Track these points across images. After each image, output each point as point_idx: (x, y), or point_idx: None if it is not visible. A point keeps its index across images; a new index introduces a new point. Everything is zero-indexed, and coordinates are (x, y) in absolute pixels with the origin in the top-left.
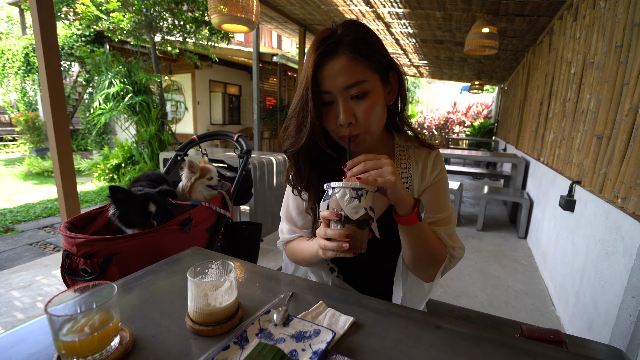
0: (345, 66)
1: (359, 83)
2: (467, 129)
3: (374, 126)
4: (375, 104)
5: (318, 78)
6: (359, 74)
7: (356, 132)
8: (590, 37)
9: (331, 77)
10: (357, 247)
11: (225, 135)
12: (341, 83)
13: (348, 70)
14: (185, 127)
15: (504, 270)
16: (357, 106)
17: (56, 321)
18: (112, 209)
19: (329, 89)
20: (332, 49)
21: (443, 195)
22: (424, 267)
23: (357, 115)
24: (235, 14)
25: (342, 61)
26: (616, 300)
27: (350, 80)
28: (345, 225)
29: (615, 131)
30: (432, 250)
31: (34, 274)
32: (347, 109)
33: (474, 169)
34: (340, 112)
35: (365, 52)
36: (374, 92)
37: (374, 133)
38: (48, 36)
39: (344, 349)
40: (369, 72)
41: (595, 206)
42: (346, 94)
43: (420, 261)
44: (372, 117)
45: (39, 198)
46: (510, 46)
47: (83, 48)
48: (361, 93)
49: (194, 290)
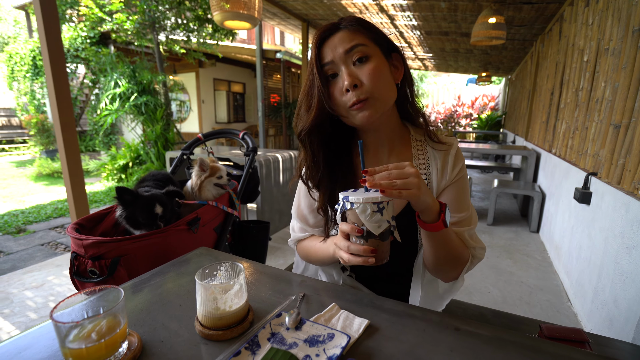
0: (344, 36)
1: (358, 46)
2: (474, 122)
3: (382, 90)
4: (379, 68)
5: (321, 54)
6: (357, 40)
7: (363, 95)
8: (604, 22)
9: (332, 48)
10: (382, 258)
11: (231, 133)
12: (342, 49)
13: (347, 38)
14: (191, 126)
15: (517, 266)
16: (360, 70)
17: (62, 328)
18: (119, 210)
19: (330, 59)
20: (333, 28)
21: (464, 194)
22: (446, 269)
23: (361, 78)
24: (238, 10)
25: (341, 33)
26: (639, 296)
27: (350, 44)
28: (369, 240)
29: (634, 119)
30: (456, 253)
31: (46, 274)
32: (350, 72)
33: (482, 162)
34: (345, 76)
35: (365, 26)
36: (376, 57)
37: (383, 99)
38: (53, 38)
39: (360, 353)
40: (368, 40)
41: (613, 198)
42: (348, 60)
43: (443, 264)
44: (377, 80)
45: (50, 199)
46: (517, 35)
47: (89, 48)
48: (362, 56)
49: (203, 294)
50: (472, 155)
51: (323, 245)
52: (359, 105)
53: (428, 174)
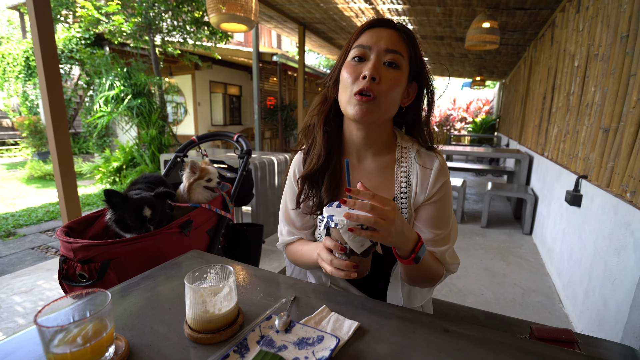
0: (393, 35)
1: (397, 53)
2: (469, 125)
3: (388, 100)
4: (400, 81)
5: (362, 35)
6: (400, 48)
7: (374, 91)
8: (594, 28)
9: (376, 37)
10: (363, 272)
11: (225, 136)
12: (384, 44)
13: (394, 39)
14: (186, 129)
15: (510, 268)
16: (386, 71)
17: (46, 332)
18: (108, 213)
19: (369, 44)
20: (387, 23)
21: (443, 212)
22: (419, 284)
23: (382, 78)
24: (234, 13)
25: (391, 31)
26: (627, 297)
27: (393, 46)
28: (351, 256)
29: (622, 124)
30: (429, 275)
31: (36, 278)
32: (377, 66)
33: (476, 166)
34: (371, 65)
35: (411, 43)
36: (403, 72)
37: (384, 108)
38: (46, 39)
39: (349, 356)
40: (406, 56)
41: (602, 201)
42: (382, 57)
43: (414, 281)
44: (392, 89)
45: (41, 202)
46: (511, 40)
47: (84, 50)
48: (395, 63)
49: (192, 297)
50: (467, 159)
51: (309, 249)
52: (363, 98)
53: (409, 182)
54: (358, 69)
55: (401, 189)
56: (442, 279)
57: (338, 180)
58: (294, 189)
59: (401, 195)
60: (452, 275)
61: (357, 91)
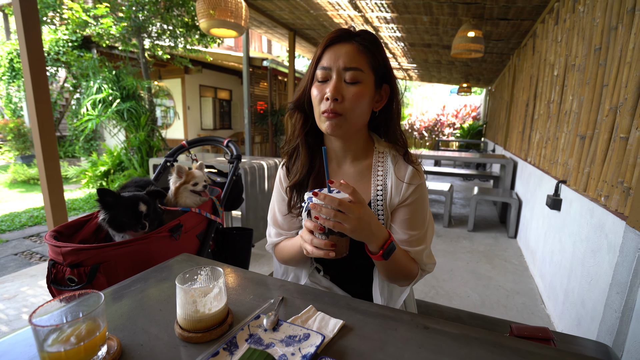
0: (350, 51)
1: (357, 70)
2: (456, 131)
3: (355, 114)
4: (363, 95)
5: (323, 55)
6: (359, 63)
7: (338, 110)
8: (571, 40)
9: (335, 56)
10: (341, 252)
11: (215, 141)
12: (342, 63)
13: (352, 55)
14: (176, 133)
15: (495, 270)
16: (347, 89)
17: (41, 332)
18: (101, 214)
19: (329, 65)
20: (345, 37)
21: (417, 214)
22: (395, 282)
23: (344, 96)
24: (224, 18)
25: (349, 47)
26: (602, 297)
27: (351, 64)
28: (329, 236)
29: (597, 131)
30: (403, 272)
31: (19, 284)
32: (338, 86)
33: (464, 170)
34: (332, 87)
35: (372, 51)
36: (365, 85)
37: (352, 121)
38: (33, 41)
39: (334, 352)
40: (367, 67)
41: (580, 205)
42: (342, 75)
43: (391, 279)
44: (356, 105)
45: (25, 206)
46: (496, 49)
47: (70, 52)
48: (354, 80)
49: (183, 297)
50: (454, 164)
51: (295, 242)
52: (330, 115)
53: (384, 185)
54: (322, 89)
55: (377, 192)
56: (418, 278)
57: (322, 182)
58: (282, 196)
59: (377, 198)
60: (439, 278)
61: (323, 111)
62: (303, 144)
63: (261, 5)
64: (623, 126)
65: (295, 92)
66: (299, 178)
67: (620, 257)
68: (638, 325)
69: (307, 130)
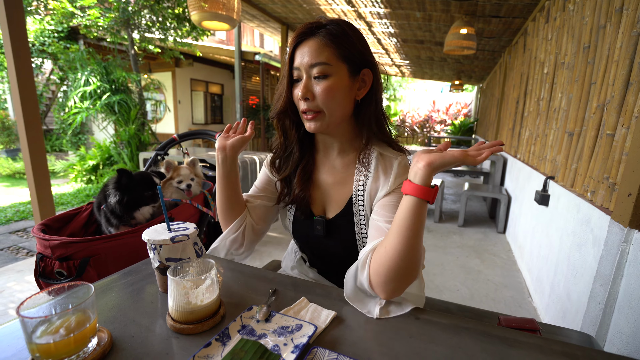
0: (314, 47)
1: (321, 64)
2: (448, 127)
3: (332, 108)
4: (334, 88)
5: (294, 55)
6: (324, 57)
7: (313, 108)
8: (560, 38)
9: (301, 55)
10: None
11: (207, 134)
12: (307, 61)
13: (316, 51)
14: (166, 127)
15: (484, 265)
16: (317, 85)
17: (29, 323)
18: (115, 196)
19: (297, 65)
20: (310, 32)
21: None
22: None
23: (315, 94)
24: (216, 11)
25: (313, 42)
26: (586, 289)
27: (314, 60)
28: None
29: (584, 128)
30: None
31: (6, 280)
32: (307, 85)
33: (454, 167)
34: (301, 87)
35: (337, 42)
36: (336, 77)
37: (331, 116)
38: (17, 31)
39: (326, 342)
40: (334, 59)
41: (567, 200)
42: (310, 72)
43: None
44: (329, 99)
45: (10, 201)
46: (487, 46)
47: (56, 44)
48: (321, 75)
49: (175, 289)
50: None
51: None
52: (309, 116)
53: (366, 180)
54: (297, 90)
55: (359, 186)
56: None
57: (310, 174)
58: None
59: (359, 192)
60: (430, 272)
61: (302, 111)
62: (296, 144)
63: None
64: (610, 123)
65: (275, 99)
66: (289, 172)
67: (604, 251)
68: (620, 316)
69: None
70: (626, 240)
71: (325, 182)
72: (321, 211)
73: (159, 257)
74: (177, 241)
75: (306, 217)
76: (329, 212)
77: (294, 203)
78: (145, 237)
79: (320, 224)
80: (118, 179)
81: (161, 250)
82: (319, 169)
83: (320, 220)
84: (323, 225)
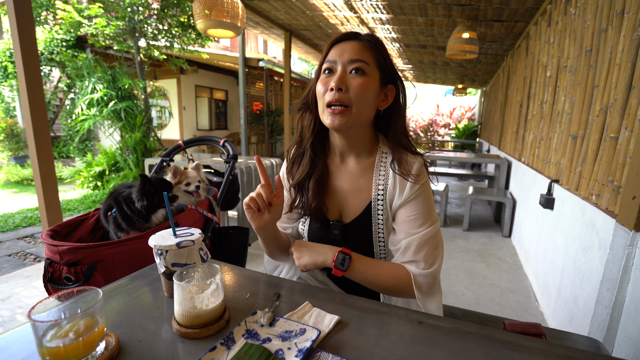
0: (356, 47)
1: (361, 61)
2: (452, 131)
3: (360, 105)
4: (369, 86)
5: (330, 52)
6: (364, 57)
7: (343, 100)
8: (563, 42)
9: (341, 50)
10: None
11: (212, 141)
12: (348, 56)
13: (357, 50)
14: (171, 133)
15: (490, 269)
16: (352, 79)
17: (40, 327)
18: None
19: (334, 58)
20: (351, 36)
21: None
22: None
23: (349, 86)
24: (221, 19)
25: (354, 44)
26: (593, 293)
27: (355, 57)
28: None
29: (588, 131)
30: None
31: (14, 285)
32: (342, 76)
33: (459, 170)
34: (336, 77)
35: (377, 49)
36: (371, 77)
37: (358, 114)
38: (27, 41)
39: (329, 346)
40: (373, 62)
41: (572, 203)
42: (347, 67)
43: (381, 292)
44: (362, 94)
45: (18, 207)
46: (490, 50)
47: (65, 52)
48: (360, 69)
49: (180, 293)
50: (450, 164)
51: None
52: (335, 110)
53: (385, 185)
54: (328, 81)
55: (378, 191)
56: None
57: (324, 184)
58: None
59: (378, 198)
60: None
61: (327, 103)
62: (309, 146)
63: (257, 6)
64: (613, 126)
65: (304, 92)
66: (302, 175)
67: (610, 254)
68: (628, 321)
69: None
70: (632, 244)
71: (342, 189)
72: (337, 216)
73: (165, 262)
74: (183, 246)
75: (322, 224)
76: (345, 217)
77: (309, 215)
78: (151, 243)
79: (338, 229)
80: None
81: (167, 255)
82: (334, 176)
83: (338, 224)
84: (340, 229)
